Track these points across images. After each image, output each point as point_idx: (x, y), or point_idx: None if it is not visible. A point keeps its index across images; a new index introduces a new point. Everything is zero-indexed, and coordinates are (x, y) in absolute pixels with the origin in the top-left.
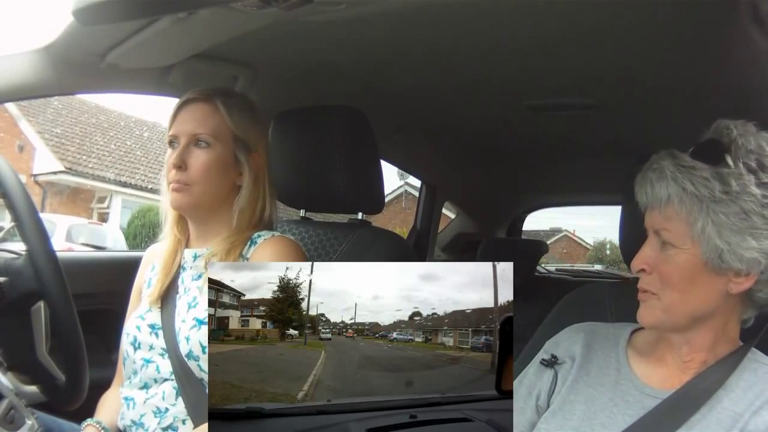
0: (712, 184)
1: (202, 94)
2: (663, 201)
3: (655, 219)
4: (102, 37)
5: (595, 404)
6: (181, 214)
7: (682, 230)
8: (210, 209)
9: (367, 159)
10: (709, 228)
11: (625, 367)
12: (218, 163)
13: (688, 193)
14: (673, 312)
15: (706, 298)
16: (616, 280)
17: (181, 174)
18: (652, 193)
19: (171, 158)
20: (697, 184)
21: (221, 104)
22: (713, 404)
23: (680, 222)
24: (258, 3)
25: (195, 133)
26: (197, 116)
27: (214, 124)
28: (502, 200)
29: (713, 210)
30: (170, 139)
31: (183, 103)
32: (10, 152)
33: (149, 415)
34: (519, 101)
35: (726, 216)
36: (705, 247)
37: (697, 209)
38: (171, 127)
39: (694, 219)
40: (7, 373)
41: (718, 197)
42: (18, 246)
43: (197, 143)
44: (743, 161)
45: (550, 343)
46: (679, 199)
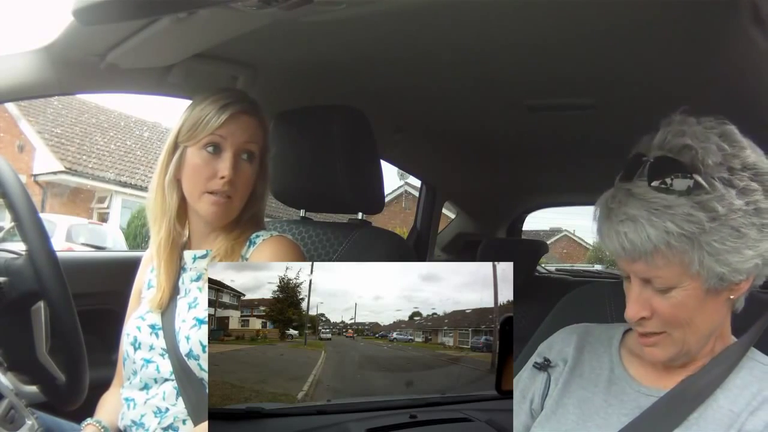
0: (698, 217)
1: (251, 107)
2: (648, 251)
3: (640, 268)
4: (102, 37)
5: (589, 406)
6: (214, 224)
7: (678, 272)
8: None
9: (367, 159)
10: (707, 260)
11: (619, 367)
12: (255, 177)
13: (675, 235)
14: (685, 342)
15: (714, 317)
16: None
17: (229, 187)
18: (632, 246)
19: (212, 165)
20: (681, 222)
21: (265, 121)
22: (710, 403)
23: (673, 266)
24: (258, 3)
25: (247, 146)
26: (250, 130)
27: (261, 140)
28: (502, 200)
29: (706, 242)
30: (210, 141)
31: (235, 112)
32: (10, 152)
33: (149, 415)
34: (519, 101)
35: (720, 242)
36: (705, 278)
37: (690, 248)
38: (214, 131)
39: (689, 258)
40: (7, 373)
41: (708, 228)
42: (18, 246)
43: (242, 156)
44: (717, 177)
45: (543, 345)
46: (666, 245)
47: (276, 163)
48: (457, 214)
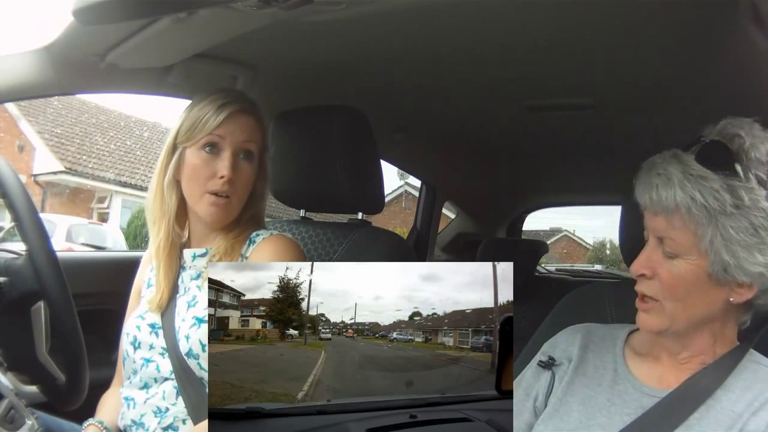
0: (723, 197)
1: (249, 106)
2: (670, 209)
3: (659, 225)
4: (102, 37)
5: (592, 405)
6: (214, 225)
7: (689, 241)
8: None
9: (367, 159)
10: (718, 242)
11: (623, 367)
12: (254, 176)
13: (698, 204)
14: (675, 318)
15: (708, 306)
16: (616, 280)
17: (229, 186)
18: (658, 198)
19: (212, 165)
20: (707, 195)
21: (264, 120)
22: (712, 404)
23: (687, 232)
24: (258, 3)
25: (246, 146)
26: (248, 129)
27: (259, 140)
28: (502, 200)
29: (722, 224)
30: (209, 141)
31: (233, 111)
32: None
33: (149, 414)
34: (519, 101)
35: (735, 231)
36: (711, 261)
37: (706, 222)
38: (212, 131)
39: (702, 232)
40: (7, 373)
41: (729, 211)
42: (18, 246)
43: (241, 155)
44: (754, 173)
45: (547, 344)
46: (687, 209)
47: (276, 163)
48: (457, 214)
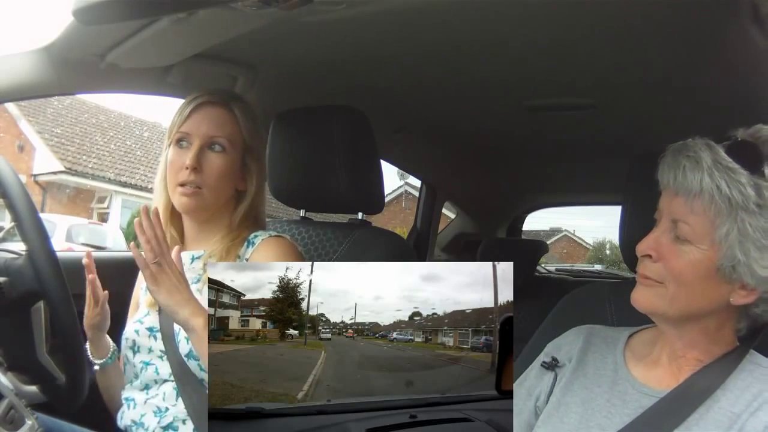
0: (748, 193)
1: (219, 98)
2: (693, 192)
3: (678, 207)
4: (102, 37)
5: (591, 405)
6: (187, 216)
7: (705, 229)
8: (212, 212)
9: (367, 159)
10: (733, 236)
11: (623, 368)
12: (230, 169)
13: (722, 193)
14: (673, 304)
15: (707, 300)
16: (616, 280)
17: (195, 176)
18: (683, 179)
19: (182, 158)
20: (733, 187)
21: (238, 111)
22: (711, 404)
23: (705, 220)
24: (258, 3)
25: (212, 136)
26: (215, 120)
27: (230, 130)
28: (502, 200)
29: (742, 219)
30: (179, 138)
31: (199, 104)
32: (10, 152)
33: (149, 414)
34: (519, 101)
35: (753, 229)
36: (722, 254)
37: (726, 213)
38: (181, 125)
39: (720, 222)
40: (7, 373)
41: (751, 208)
42: (18, 246)
43: (212, 147)
44: None
45: (551, 345)
46: (710, 196)
47: (276, 163)
48: (457, 214)
